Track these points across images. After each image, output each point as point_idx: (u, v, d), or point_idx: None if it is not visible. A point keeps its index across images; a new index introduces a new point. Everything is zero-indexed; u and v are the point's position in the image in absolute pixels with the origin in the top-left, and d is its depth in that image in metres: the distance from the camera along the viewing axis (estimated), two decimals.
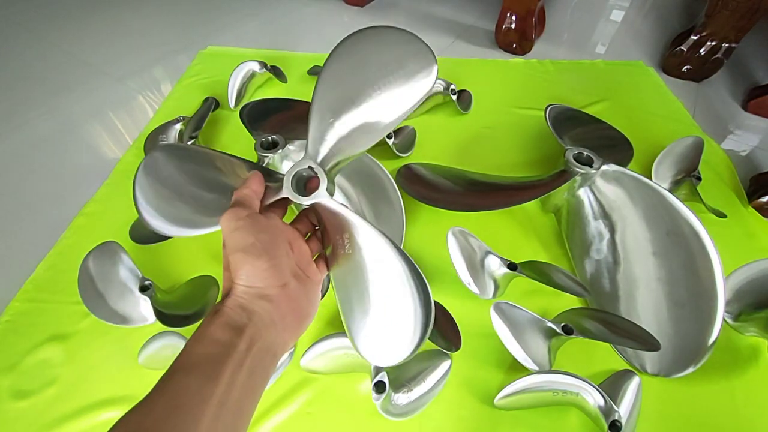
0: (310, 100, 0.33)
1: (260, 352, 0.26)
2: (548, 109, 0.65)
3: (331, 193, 0.33)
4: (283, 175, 0.33)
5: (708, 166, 0.66)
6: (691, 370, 0.44)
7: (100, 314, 0.47)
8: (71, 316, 0.50)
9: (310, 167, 0.33)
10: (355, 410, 0.43)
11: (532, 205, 0.61)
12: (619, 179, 0.53)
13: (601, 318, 0.46)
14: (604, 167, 0.53)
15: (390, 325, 0.30)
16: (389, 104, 0.32)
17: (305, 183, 0.34)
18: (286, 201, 0.33)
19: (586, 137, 0.64)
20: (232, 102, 0.78)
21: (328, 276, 0.33)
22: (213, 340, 0.25)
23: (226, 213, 0.28)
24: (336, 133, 0.33)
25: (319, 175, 0.32)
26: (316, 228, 0.35)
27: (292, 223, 0.34)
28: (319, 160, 0.33)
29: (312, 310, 0.31)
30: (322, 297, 0.48)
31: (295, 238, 0.32)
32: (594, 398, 0.38)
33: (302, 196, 0.32)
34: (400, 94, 0.31)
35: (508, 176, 0.62)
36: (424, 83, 0.31)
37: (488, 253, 0.50)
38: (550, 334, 0.44)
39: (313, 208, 0.33)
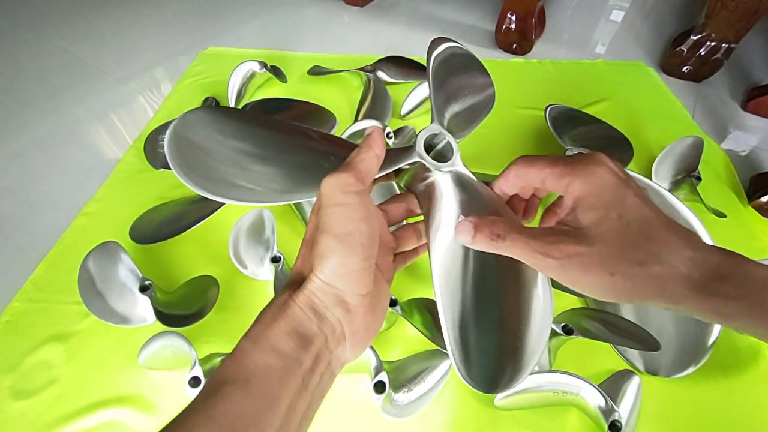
0: (310, 100, 0.34)
1: (323, 371, 0.22)
2: (548, 109, 0.65)
3: None
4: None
5: (708, 166, 0.66)
6: (691, 370, 0.44)
7: (100, 314, 0.47)
8: (71, 316, 0.50)
9: (440, 133, 0.30)
10: (355, 410, 0.43)
11: None
12: None
13: (601, 318, 0.46)
14: None
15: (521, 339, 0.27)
16: (471, 104, 0.39)
17: None
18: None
19: (586, 137, 0.64)
20: (232, 102, 0.78)
21: None
22: (275, 348, 0.20)
23: (334, 175, 0.23)
24: (449, 112, 0.35)
25: (450, 141, 0.30)
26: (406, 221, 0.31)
27: (381, 206, 0.29)
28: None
29: (381, 324, 0.26)
30: None
31: (382, 224, 0.27)
32: (594, 398, 0.38)
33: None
34: (475, 99, 0.39)
35: None
36: (489, 91, 0.41)
37: None
38: (550, 334, 0.44)
39: (428, 188, 0.30)
